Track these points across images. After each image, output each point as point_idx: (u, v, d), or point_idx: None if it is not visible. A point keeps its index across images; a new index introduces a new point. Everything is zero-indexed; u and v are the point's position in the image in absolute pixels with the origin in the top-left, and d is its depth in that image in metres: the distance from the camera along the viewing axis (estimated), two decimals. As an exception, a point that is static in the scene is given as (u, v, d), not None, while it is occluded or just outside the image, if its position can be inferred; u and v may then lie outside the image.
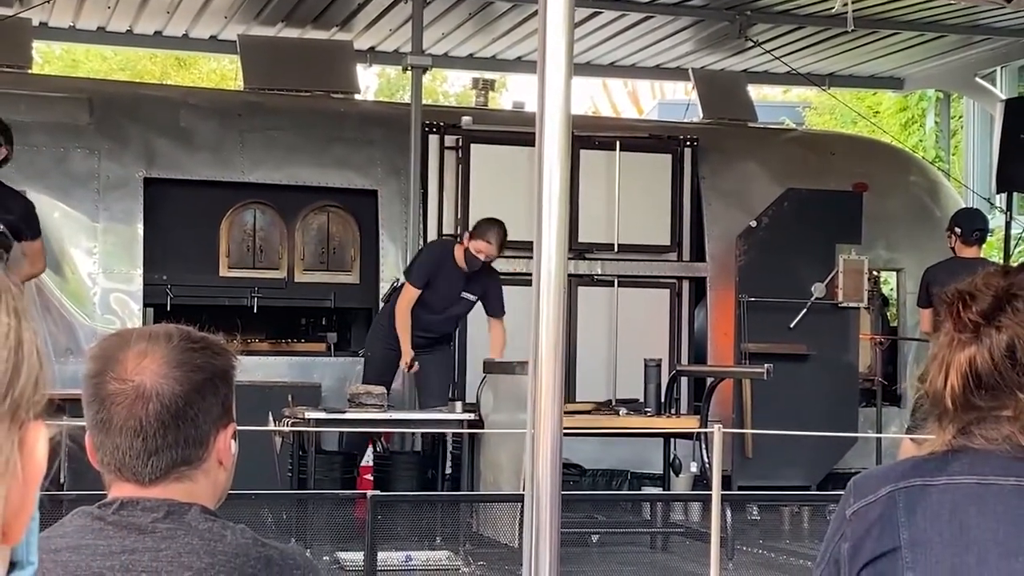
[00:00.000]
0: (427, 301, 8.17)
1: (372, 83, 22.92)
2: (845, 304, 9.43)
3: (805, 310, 9.29)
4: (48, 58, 21.36)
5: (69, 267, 8.85)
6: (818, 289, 9.37)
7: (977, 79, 11.98)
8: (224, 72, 20.21)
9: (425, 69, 9.77)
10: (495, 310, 8.25)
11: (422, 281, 8.18)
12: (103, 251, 8.86)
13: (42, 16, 10.16)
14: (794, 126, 15.84)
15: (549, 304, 2.68)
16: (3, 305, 0.70)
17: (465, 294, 8.24)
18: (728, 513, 6.63)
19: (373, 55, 11.27)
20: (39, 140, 8.86)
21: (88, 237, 8.88)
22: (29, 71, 9.51)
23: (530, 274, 2.82)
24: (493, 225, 8.11)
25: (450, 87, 24.39)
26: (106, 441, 1.82)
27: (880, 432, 9.42)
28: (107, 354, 1.84)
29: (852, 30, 8.84)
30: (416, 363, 8.13)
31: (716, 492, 5.34)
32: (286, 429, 7.38)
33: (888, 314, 10.61)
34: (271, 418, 7.57)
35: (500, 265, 9.20)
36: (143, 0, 9.95)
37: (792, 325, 9.28)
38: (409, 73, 9.64)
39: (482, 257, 8.12)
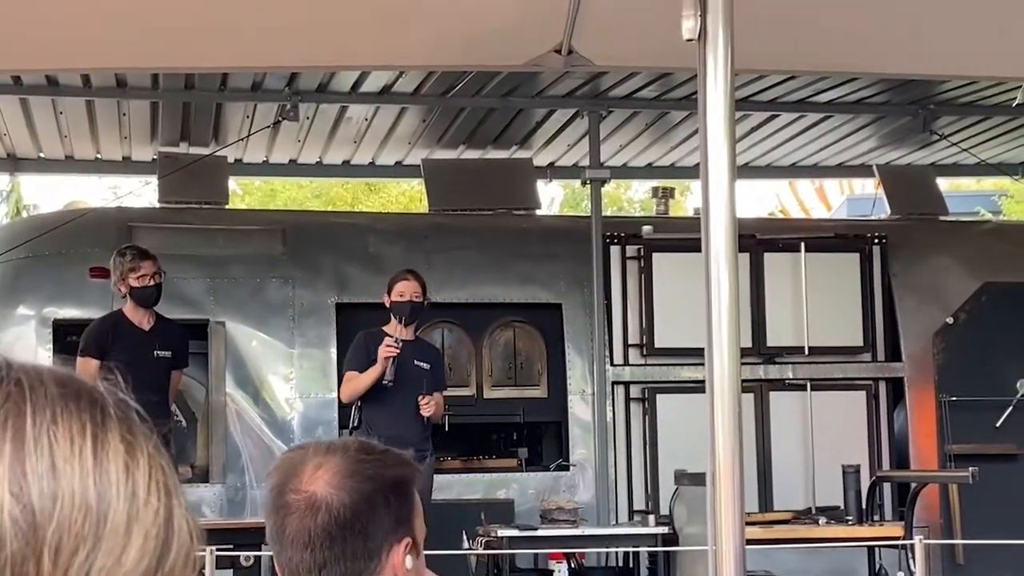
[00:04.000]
0: (381, 395, 7.27)
1: (557, 194, 23.23)
2: (1054, 399, 9.00)
3: (1011, 407, 8.90)
4: (248, 189, 22.34)
5: (267, 393, 9.11)
6: (1024, 385, 8.99)
7: None
8: (412, 194, 20.77)
9: (604, 182, 9.82)
10: (438, 382, 7.56)
11: (361, 364, 7.36)
12: (299, 376, 9.10)
13: (237, 153, 10.65)
14: (989, 216, 15.34)
15: (724, 411, 2.63)
16: (152, 483, 0.73)
17: (418, 363, 7.46)
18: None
19: (553, 170, 11.42)
20: (237, 272, 9.21)
21: (285, 363, 9.14)
22: (225, 206, 9.94)
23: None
24: (399, 272, 7.64)
25: (634, 193, 24.49)
26: (281, 553, 1.81)
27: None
28: (288, 466, 1.85)
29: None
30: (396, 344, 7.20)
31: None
32: (479, 551, 7.37)
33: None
34: (464, 537, 7.58)
35: (685, 373, 9.10)
36: (331, 132, 10.32)
37: (998, 424, 8.89)
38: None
39: (408, 295, 7.44)
